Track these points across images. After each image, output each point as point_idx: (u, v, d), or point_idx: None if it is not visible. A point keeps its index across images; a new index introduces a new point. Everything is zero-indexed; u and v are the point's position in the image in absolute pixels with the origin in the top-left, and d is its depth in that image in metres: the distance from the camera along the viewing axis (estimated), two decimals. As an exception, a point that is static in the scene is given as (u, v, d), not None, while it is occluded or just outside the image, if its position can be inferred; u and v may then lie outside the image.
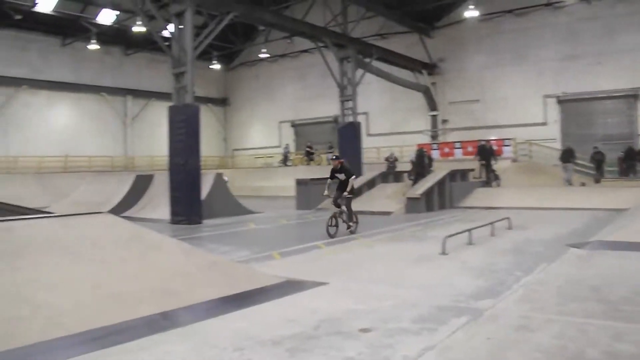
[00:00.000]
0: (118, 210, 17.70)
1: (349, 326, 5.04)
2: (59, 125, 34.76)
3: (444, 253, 9.25)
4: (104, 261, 6.05)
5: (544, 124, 29.45)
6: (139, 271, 6.08)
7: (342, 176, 12.52)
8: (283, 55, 39.82)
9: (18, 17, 29.90)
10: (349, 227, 12.56)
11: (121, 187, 20.81)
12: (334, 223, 12.16)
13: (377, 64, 29.01)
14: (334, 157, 12.88)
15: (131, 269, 6.06)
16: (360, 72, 26.89)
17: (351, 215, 12.66)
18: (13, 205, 12.32)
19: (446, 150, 30.28)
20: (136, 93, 38.14)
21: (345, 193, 12.27)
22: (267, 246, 10.64)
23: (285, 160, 37.23)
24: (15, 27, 31.54)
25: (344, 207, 12.56)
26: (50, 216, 7.60)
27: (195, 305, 5.78)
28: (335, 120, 32.77)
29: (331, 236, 11.81)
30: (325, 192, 12.75)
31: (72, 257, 5.91)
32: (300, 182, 21.67)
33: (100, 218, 7.19)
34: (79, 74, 35.43)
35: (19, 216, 8.62)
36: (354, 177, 12.52)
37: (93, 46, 33.51)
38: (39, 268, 5.53)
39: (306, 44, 31.43)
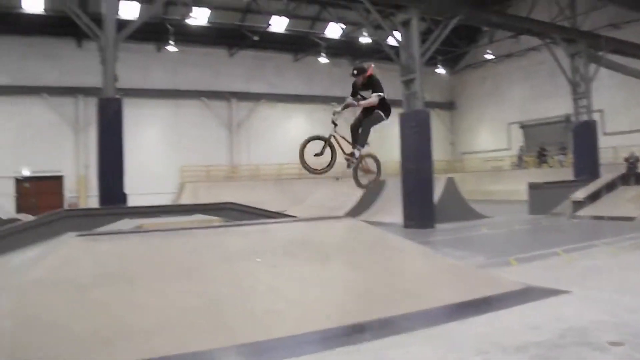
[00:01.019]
0: (352, 214, 18.44)
1: (597, 337, 4.85)
2: (295, 135, 37.17)
3: (701, 263, 8.46)
4: (351, 262, 6.40)
5: None
6: (383, 273, 6.34)
7: (369, 94, 7.96)
8: (509, 55, 38.57)
9: (255, 38, 32.74)
10: (350, 156, 8.24)
11: (354, 192, 21.66)
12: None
13: (611, 56, 27.04)
14: (355, 71, 8.04)
15: (376, 271, 6.33)
16: (593, 67, 25.30)
17: (363, 141, 8.26)
18: (261, 209, 13.50)
19: (697, 149, 27.37)
20: (364, 101, 39.39)
21: (359, 102, 7.91)
22: (502, 251, 10.52)
23: (520, 161, 36.24)
24: (253, 48, 34.63)
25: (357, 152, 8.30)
26: (300, 220, 8.26)
27: (436, 309, 5.86)
28: (567, 119, 31.14)
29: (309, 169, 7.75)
30: (337, 110, 7.88)
31: (322, 258, 6.35)
32: (533, 186, 21.00)
33: (345, 222, 7.68)
34: (310, 87, 37.67)
35: (270, 219, 9.49)
36: (381, 94, 7.87)
37: (322, 59, 35.47)
38: (292, 266, 6.03)
39: (533, 41, 30.25)
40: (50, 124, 30.98)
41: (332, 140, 7.84)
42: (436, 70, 40.57)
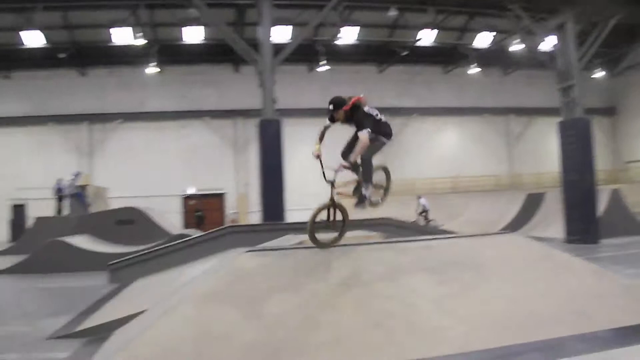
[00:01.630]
0: (509, 228, 17.97)
1: None
2: (446, 148, 36.93)
3: None
4: (515, 279, 6.24)
5: None
6: (550, 291, 6.12)
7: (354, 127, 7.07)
8: (677, 52, 35.69)
9: (404, 52, 32.84)
10: (359, 202, 6.96)
11: (511, 206, 21.09)
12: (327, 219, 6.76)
13: None
14: (331, 106, 7.11)
15: (543, 288, 6.12)
16: None
17: (368, 176, 6.91)
18: (417, 225, 13.55)
19: None
20: (518, 111, 38.32)
21: (351, 160, 6.88)
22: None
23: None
24: (402, 62, 34.83)
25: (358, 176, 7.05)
26: (461, 236, 8.19)
27: (609, 331, 5.57)
28: None
29: (318, 244, 6.62)
30: (315, 147, 6.98)
31: (485, 275, 6.26)
32: None
33: (508, 237, 7.53)
34: (461, 98, 37.17)
35: (431, 236, 9.48)
36: (366, 130, 6.63)
37: (473, 70, 34.95)
38: (457, 283, 5.99)
39: None
40: (212, 145, 33.11)
41: (335, 201, 6.84)
42: (593, 75, 38.42)
